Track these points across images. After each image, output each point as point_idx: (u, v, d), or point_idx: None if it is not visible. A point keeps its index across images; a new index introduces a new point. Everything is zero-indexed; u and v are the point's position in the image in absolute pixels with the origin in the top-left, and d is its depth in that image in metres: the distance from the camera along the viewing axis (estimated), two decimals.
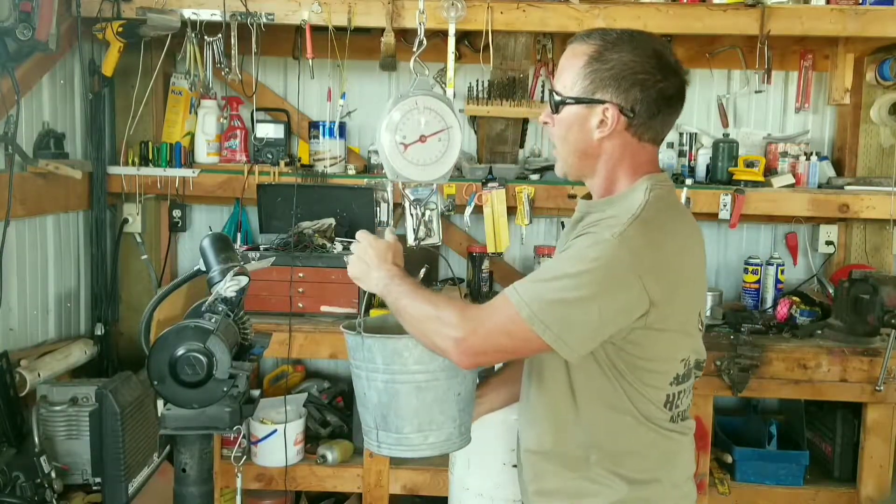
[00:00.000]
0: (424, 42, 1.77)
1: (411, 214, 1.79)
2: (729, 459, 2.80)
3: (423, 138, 1.68)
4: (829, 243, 3.24)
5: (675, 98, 1.46)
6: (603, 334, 1.37)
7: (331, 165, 3.05)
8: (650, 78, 1.41)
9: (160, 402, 1.52)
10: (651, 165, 1.50)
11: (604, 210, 1.48)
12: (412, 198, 1.77)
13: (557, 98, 1.48)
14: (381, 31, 2.79)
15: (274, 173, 2.99)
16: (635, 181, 1.48)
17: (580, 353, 1.37)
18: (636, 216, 1.38)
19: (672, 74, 1.44)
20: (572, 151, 1.50)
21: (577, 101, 1.45)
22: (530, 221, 2.97)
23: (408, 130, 1.67)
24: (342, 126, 3.10)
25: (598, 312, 1.34)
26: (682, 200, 2.85)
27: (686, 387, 1.51)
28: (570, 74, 1.46)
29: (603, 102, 1.43)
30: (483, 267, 3.11)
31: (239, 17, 2.79)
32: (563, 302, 1.34)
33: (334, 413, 3.00)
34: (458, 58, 2.93)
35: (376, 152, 3.00)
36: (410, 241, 1.79)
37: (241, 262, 1.62)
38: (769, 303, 3.11)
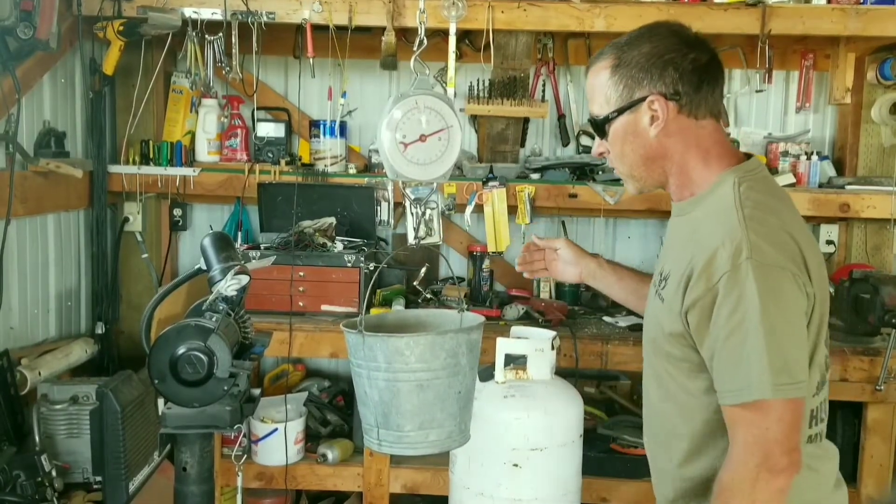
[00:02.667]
0: (425, 41, 1.77)
1: (412, 213, 1.79)
2: None
3: (423, 137, 1.68)
4: (829, 243, 3.24)
5: (712, 65, 1.40)
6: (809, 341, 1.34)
7: (331, 164, 3.05)
8: (678, 54, 1.37)
9: (161, 401, 1.51)
10: (719, 147, 1.43)
11: (691, 212, 1.43)
12: (412, 197, 1.77)
13: (600, 119, 1.44)
14: (382, 30, 2.79)
15: (274, 172, 2.99)
16: (713, 171, 1.41)
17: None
18: (744, 224, 1.29)
19: (697, 45, 1.40)
20: (636, 163, 1.45)
21: (620, 111, 1.41)
22: (531, 220, 2.97)
23: (408, 130, 1.67)
24: (343, 125, 3.10)
25: (802, 327, 1.32)
26: None
27: (826, 396, 1.45)
28: (601, 93, 1.43)
29: (644, 99, 1.38)
30: (483, 266, 3.11)
31: (240, 16, 2.79)
32: (779, 351, 1.26)
33: (335, 412, 3.00)
34: (459, 57, 2.93)
35: (377, 151, 3.00)
36: (411, 240, 1.79)
37: (242, 261, 1.62)
38: None
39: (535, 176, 3.04)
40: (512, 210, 2.96)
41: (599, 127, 1.44)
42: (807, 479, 1.37)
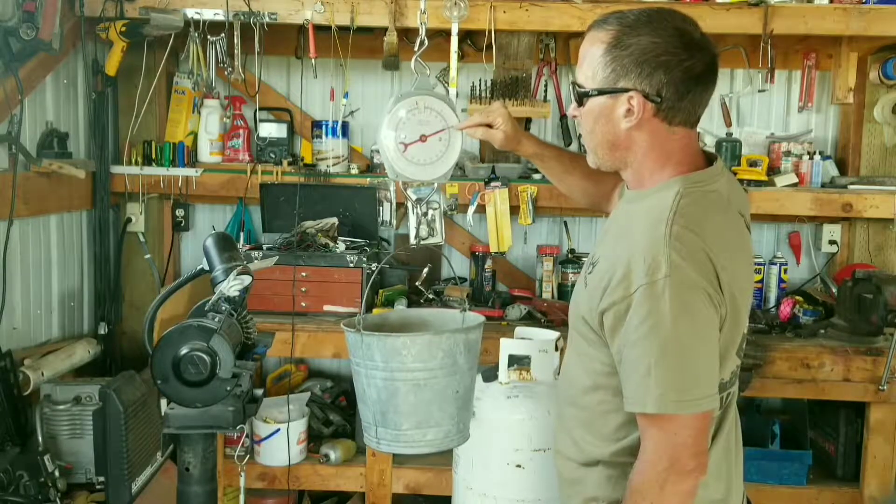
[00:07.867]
0: (426, 42, 1.78)
1: (414, 214, 1.80)
2: None
3: (423, 138, 1.68)
4: (832, 242, 3.23)
5: (705, 75, 1.38)
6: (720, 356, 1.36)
7: (333, 165, 3.05)
8: (673, 58, 1.35)
9: (163, 402, 1.52)
10: (683, 154, 1.43)
11: (635, 203, 1.45)
12: (414, 197, 1.78)
13: (581, 90, 1.44)
14: (384, 30, 2.79)
15: (277, 173, 2.99)
16: (665, 175, 1.42)
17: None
18: (668, 241, 1.30)
19: (698, 50, 1.37)
20: (601, 144, 1.45)
21: (601, 92, 1.40)
22: (533, 221, 2.97)
23: (408, 130, 1.68)
24: (345, 125, 3.11)
25: (714, 343, 1.33)
26: None
27: (728, 404, 1.49)
28: (591, 64, 1.42)
29: (626, 91, 1.37)
30: (486, 266, 3.11)
31: (242, 17, 2.79)
32: (688, 367, 1.30)
33: (337, 412, 3.00)
34: (461, 57, 2.93)
35: (378, 151, 3.01)
36: (413, 240, 1.79)
37: (245, 262, 1.62)
38: (772, 302, 3.11)
39: (537, 176, 3.04)
40: (514, 210, 2.96)
41: (579, 95, 1.46)
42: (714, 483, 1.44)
